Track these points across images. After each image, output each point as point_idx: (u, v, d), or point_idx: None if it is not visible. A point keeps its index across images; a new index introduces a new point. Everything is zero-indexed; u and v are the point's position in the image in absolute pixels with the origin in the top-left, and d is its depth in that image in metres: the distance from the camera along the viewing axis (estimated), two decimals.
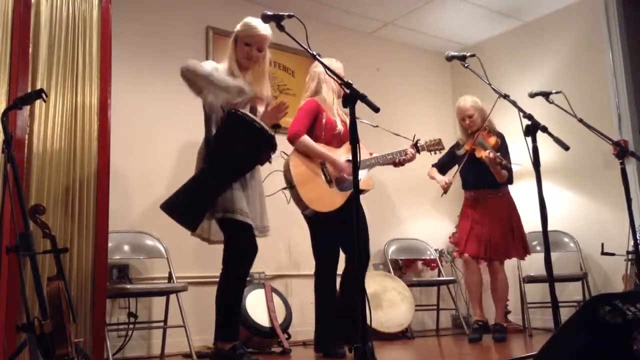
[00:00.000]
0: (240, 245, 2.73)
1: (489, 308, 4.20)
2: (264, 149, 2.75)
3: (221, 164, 2.68)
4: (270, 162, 3.03)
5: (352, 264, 3.30)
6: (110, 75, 3.09)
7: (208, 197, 2.66)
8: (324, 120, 3.33)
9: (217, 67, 2.81)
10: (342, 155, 3.30)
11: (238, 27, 2.89)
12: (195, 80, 2.64)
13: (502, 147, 4.04)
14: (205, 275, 4.01)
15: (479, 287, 4.06)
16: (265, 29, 2.82)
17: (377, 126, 3.39)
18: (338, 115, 3.41)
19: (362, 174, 3.32)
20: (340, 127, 3.35)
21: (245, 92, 2.74)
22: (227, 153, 2.69)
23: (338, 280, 3.36)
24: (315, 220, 3.26)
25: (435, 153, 3.73)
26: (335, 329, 3.21)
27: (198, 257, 3.97)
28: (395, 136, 3.58)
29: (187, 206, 2.65)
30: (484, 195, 4.09)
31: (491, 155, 3.80)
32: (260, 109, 2.87)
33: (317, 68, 3.39)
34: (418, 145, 3.56)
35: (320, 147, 3.27)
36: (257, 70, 2.90)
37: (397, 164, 3.51)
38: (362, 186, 3.20)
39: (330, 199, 3.20)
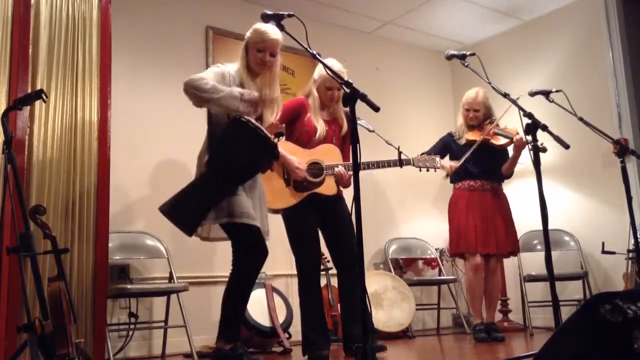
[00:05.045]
0: (249, 248, 2.71)
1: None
2: (266, 157, 2.73)
3: (222, 170, 2.66)
4: (272, 170, 3.01)
5: (338, 265, 3.24)
6: (110, 75, 3.09)
7: (207, 203, 2.64)
8: (305, 120, 3.23)
9: (224, 73, 2.77)
10: (306, 157, 3.16)
11: (248, 33, 2.83)
12: (198, 97, 2.62)
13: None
14: (206, 275, 4.02)
15: (483, 291, 4.00)
16: (275, 33, 2.75)
17: (373, 131, 3.31)
18: (326, 122, 3.27)
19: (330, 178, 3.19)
20: (321, 132, 3.20)
21: (242, 97, 2.66)
22: (229, 159, 2.66)
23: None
24: (285, 218, 3.21)
25: (426, 170, 3.40)
26: (320, 331, 3.14)
27: (198, 257, 3.97)
28: (393, 140, 3.44)
29: (185, 211, 2.64)
30: (484, 187, 3.99)
31: (523, 139, 3.69)
32: (268, 114, 2.83)
33: (316, 71, 3.32)
34: (402, 157, 3.25)
35: (283, 148, 3.09)
36: (268, 75, 2.84)
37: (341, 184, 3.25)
38: (321, 190, 3.14)
39: (280, 198, 3.13)
